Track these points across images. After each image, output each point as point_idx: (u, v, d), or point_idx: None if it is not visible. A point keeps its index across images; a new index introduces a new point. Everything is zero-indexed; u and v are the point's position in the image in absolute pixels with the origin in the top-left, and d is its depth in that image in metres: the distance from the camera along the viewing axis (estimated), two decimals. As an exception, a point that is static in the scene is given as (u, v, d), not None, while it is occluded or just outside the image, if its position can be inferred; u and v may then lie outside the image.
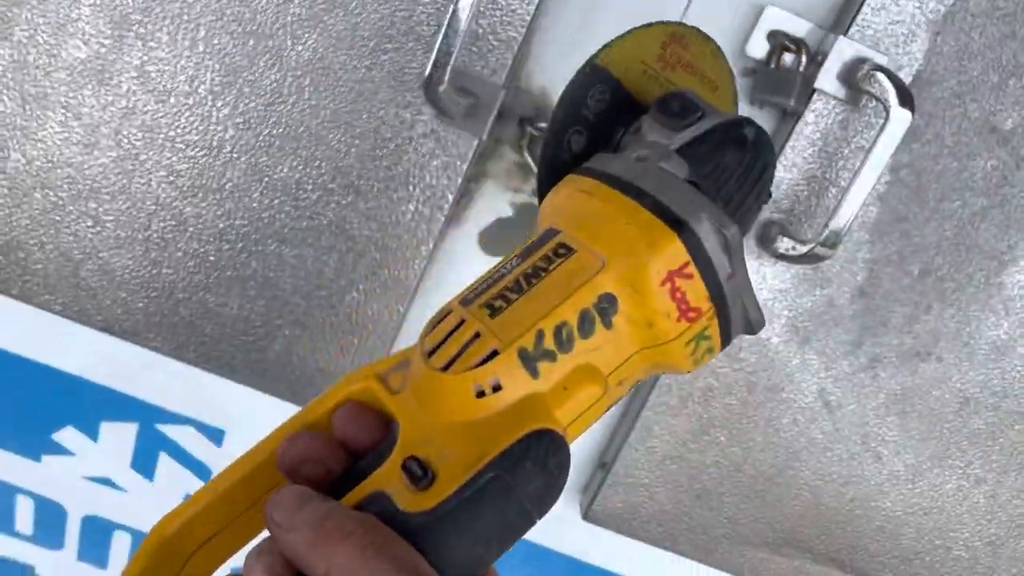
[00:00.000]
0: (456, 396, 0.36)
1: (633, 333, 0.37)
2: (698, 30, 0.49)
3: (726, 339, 0.39)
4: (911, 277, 0.76)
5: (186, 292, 0.75)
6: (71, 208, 0.72)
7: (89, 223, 0.73)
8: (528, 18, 0.67)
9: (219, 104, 0.69)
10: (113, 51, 0.68)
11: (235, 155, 0.71)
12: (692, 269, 0.37)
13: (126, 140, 0.70)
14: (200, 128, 0.70)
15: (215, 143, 0.70)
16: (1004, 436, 0.82)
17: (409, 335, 0.82)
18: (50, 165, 0.71)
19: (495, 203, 0.77)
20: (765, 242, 0.73)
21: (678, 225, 0.37)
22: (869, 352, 0.79)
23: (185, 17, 0.67)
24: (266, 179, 0.71)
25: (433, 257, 0.76)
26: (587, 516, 0.85)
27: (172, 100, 0.70)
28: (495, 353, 0.36)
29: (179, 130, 0.70)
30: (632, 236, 0.37)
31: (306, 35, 0.68)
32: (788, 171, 0.72)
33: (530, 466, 0.34)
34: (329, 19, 0.67)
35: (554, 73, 0.73)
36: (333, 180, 0.71)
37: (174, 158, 0.71)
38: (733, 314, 0.38)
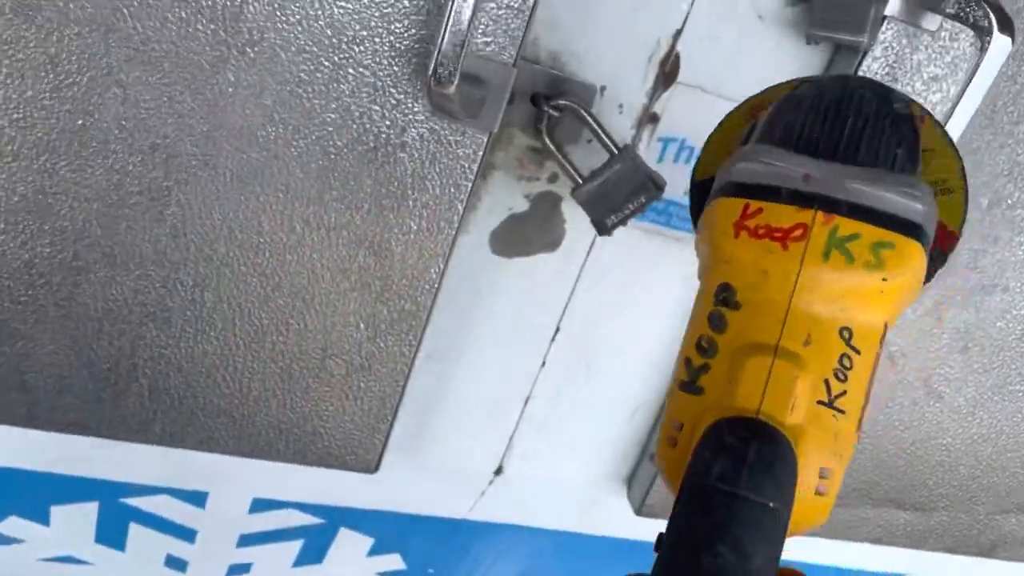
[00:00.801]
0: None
1: (763, 295, 0.35)
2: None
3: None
4: (980, 210, 0.68)
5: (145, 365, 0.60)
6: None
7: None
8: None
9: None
10: None
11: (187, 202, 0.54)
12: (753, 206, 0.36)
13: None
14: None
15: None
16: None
17: (424, 370, 0.69)
18: None
19: (506, 197, 0.63)
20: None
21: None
22: (934, 296, 0.71)
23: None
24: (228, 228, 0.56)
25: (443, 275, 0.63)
26: (640, 511, 0.77)
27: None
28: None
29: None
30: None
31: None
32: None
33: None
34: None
35: (566, 33, 0.58)
36: (307, 208, 0.56)
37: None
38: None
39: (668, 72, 0.61)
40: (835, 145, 0.37)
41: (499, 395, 0.73)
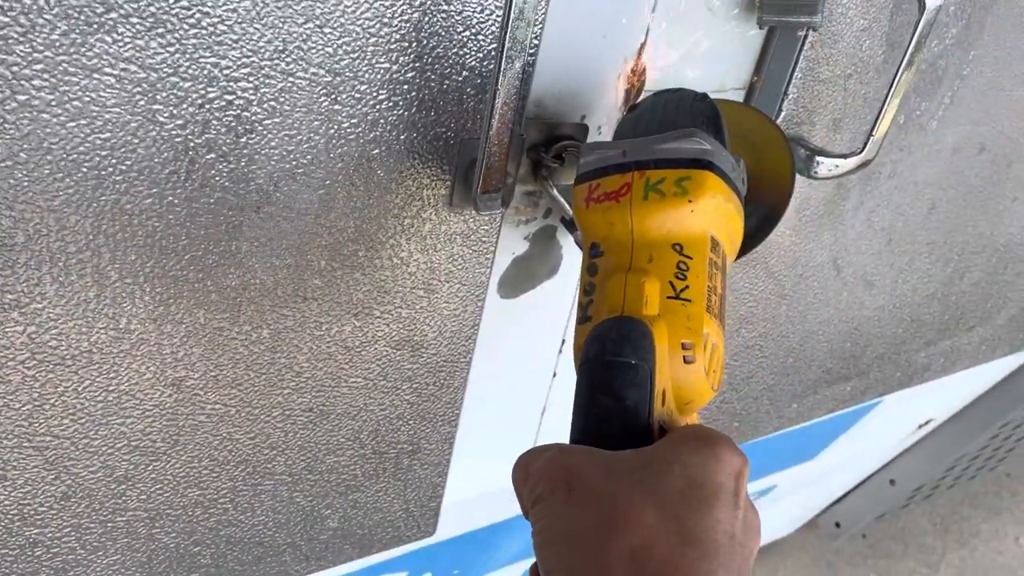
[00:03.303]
0: None
1: (614, 239, 0.47)
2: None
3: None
4: (897, 126, 0.74)
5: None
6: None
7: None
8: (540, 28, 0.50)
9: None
10: None
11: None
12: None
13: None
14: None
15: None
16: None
17: (466, 450, 0.68)
18: None
19: (509, 245, 0.62)
20: (802, 169, 0.66)
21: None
22: (868, 208, 0.79)
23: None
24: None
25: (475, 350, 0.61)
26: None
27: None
28: None
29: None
30: None
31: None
32: (808, 88, 0.64)
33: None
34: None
35: (545, 77, 0.56)
36: (344, 327, 0.53)
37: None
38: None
39: (637, 85, 0.61)
40: (652, 128, 0.51)
41: (518, 411, 0.74)
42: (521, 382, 0.71)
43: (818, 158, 0.65)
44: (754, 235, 0.57)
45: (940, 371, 1.10)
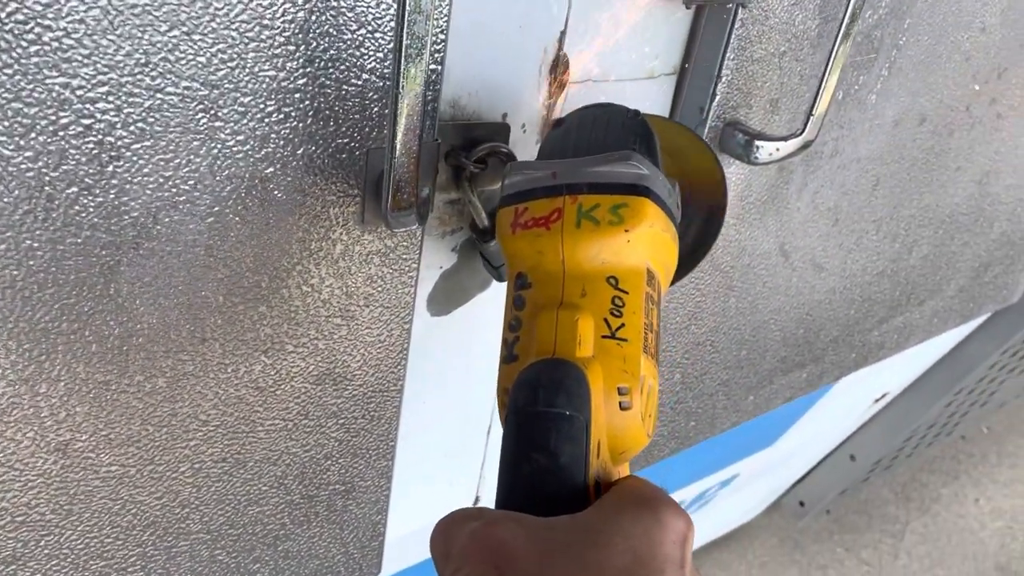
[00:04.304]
0: None
1: (543, 269, 0.43)
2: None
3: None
4: (837, 103, 0.71)
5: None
6: None
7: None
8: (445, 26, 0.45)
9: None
10: None
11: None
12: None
13: None
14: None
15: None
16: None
17: (406, 481, 0.63)
18: None
19: (435, 259, 0.57)
20: (741, 155, 0.62)
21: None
22: (812, 189, 0.75)
23: None
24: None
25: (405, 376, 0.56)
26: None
27: None
28: None
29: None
30: None
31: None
32: (742, 69, 0.60)
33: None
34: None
35: (461, 75, 0.51)
36: (252, 367, 0.48)
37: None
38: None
39: (560, 76, 0.56)
40: (581, 148, 0.47)
41: (461, 432, 0.69)
42: (462, 402, 0.67)
43: (757, 142, 0.61)
44: (686, 262, 0.53)
45: (894, 348, 1.08)
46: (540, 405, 0.37)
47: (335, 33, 0.41)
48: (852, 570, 2.18)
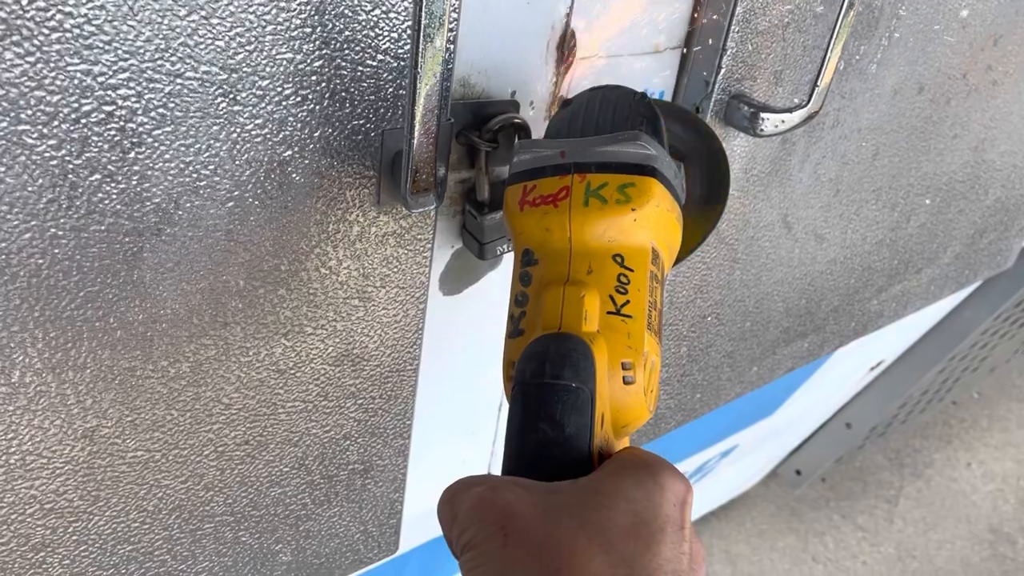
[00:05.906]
0: None
1: (551, 246, 0.43)
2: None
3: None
4: (839, 73, 0.71)
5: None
6: None
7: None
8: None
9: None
10: None
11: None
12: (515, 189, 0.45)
13: None
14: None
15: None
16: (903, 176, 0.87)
17: (422, 460, 0.64)
18: None
19: (447, 238, 0.57)
20: (747, 127, 0.63)
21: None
22: (814, 160, 0.76)
23: None
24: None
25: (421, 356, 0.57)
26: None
27: None
28: None
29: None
30: None
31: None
32: (747, 42, 0.60)
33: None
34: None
35: (470, 54, 0.51)
36: (274, 348, 0.48)
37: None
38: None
39: (568, 52, 0.56)
40: (589, 128, 0.48)
41: (474, 410, 0.70)
42: (475, 380, 0.67)
43: (763, 115, 0.62)
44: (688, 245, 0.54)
45: (892, 316, 1.09)
46: (547, 377, 0.38)
47: (350, 14, 0.41)
48: (848, 536, 2.21)
